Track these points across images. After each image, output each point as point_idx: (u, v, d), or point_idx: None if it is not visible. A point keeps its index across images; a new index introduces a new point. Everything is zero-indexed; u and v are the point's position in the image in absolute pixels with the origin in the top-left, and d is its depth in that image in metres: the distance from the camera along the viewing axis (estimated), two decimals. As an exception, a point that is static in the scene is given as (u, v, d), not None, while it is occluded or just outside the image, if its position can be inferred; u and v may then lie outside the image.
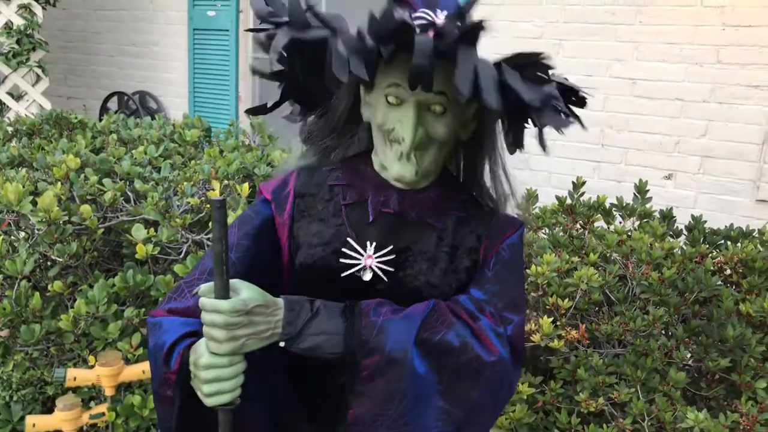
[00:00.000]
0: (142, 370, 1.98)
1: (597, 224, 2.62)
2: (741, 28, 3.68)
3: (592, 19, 4.09)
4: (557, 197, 2.71)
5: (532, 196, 2.70)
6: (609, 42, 4.06)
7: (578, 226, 2.64)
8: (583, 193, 2.72)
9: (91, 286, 2.15)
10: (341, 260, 1.15)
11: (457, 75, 0.90)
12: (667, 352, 2.10)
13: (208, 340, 1.00)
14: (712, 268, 2.30)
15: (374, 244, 1.15)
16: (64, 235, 2.20)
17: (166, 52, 6.03)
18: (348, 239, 1.15)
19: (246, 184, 2.39)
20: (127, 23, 6.22)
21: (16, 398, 2.35)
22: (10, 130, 3.33)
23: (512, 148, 1.13)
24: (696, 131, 3.88)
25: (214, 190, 2.32)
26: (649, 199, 2.67)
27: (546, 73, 0.99)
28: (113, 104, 6.24)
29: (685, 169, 3.94)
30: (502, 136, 1.17)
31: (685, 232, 2.61)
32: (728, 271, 2.34)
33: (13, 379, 2.31)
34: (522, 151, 1.16)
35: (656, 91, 3.96)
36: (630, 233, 2.44)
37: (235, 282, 1.01)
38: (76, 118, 3.48)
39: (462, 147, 1.22)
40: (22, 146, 2.95)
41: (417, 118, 1.07)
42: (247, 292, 1.01)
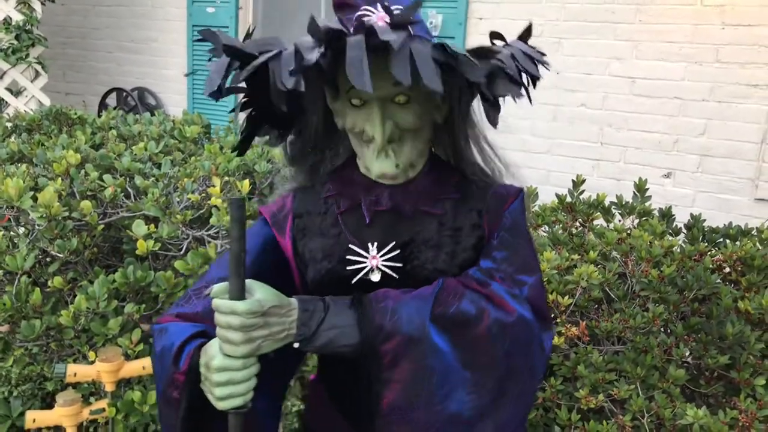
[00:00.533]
0: (142, 366, 1.98)
1: (596, 222, 2.62)
2: (740, 27, 3.69)
3: (592, 18, 4.10)
4: (557, 195, 2.71)
5: (532, 194, 2.71)
6: (608, 40, 4.06)
7: (578, 224, 2.64)
8: (583, 191, 2.73)
9: (92, 282, 2.15)
10: (348, 268, 1.15)
11: (393, 65, 0.88)
12: (667, 350, 2.11)
13: (223, 343, 0.98)
14: (712, 266, 2.31)
15: (376, 244, 1.15)
16: (65, 231, 2.20)
17: (165, 48, 6.02)
18: (350, 246, 1.16)
19: (246, 181, 2.39)
20: (126, 19, 6.21)
21: (15, 394, 2.35)
22: (9, 125, 3.33)
23: (492, 123, 1.09)
24: (695, 130, 3.89)
25: (214, 187, 2.32)
26: (649, 197, 2.67)
27: (493, 45, 0.97)
28: (112, 100, 6.23)
29: (684, 167, 3.95)
30: (480, 110, 1.16)
31: (685, 230, 2.62)
32: (727, 269, 2.35)
33: (13, 375, 2.31)
34: (522, 150, 1.15)
35: (655, 89, 3.97)
36: (629, 231, 2.44)
37: (249, 282, 1.00)
38: (76, 114, 3.48)
39: (442, 130, 1.20)
40: (22, 142, 2.95)
41: (382, 114, 1.07)
42: (261, 293, 0.99)
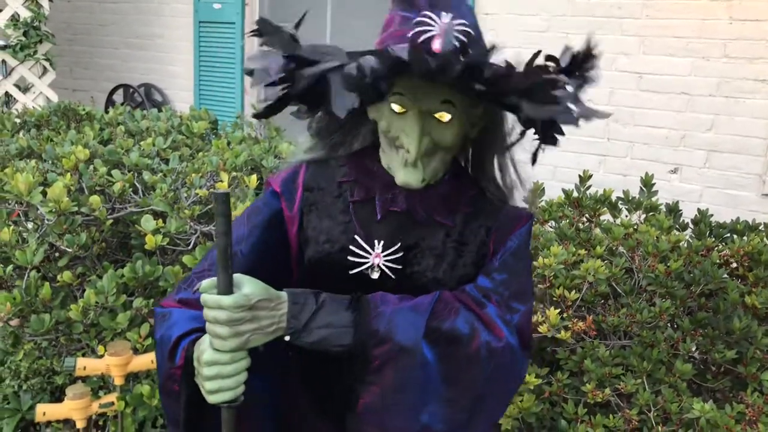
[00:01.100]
0: (151, 360, 1.99)
1: (603, 217, 2.62)
2: (748, 22, 3.68)
3: (598, 13, 4.09)
4: (564, 190, 2.71)
5: (538, 190, 2.71)
6: (615, 35, 4.05)
7: (585, 219, 2.64)
8: (590, 187, 2.73)
9: (100, 277, 2.16)
10: (349, 258, 1.15)
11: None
12: (674, 344, 2.11)
13: (212, 337, 0.98)
14: (719, 261, 2.31)
15: (382, 242, 1.15)
16: (74, 226, 2.21)
17: (172, 44, 6.03)
18: (356, 237, 1.15)
19: (254, 176, 2.39)
20: (132, 16, 6.22)
21: (25, 387, 2.37)
22: (18, 121, 3.35)
23: (547, 142, 1.11)
24: (702, 125, 3.88)
25: (222, 182, 2.33)
26: (655, 192, 2.67)
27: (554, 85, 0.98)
28: (119, 97, 6.25)
29: (691, 163, 3.94)
30: (509, 130, 1.17)
31: (691, 225, 2.62)
32: (734, 264, 2.35)
33: (23, 369, 2.33)
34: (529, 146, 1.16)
35: (662, 85, 3.96)
36: (636, 226, 2.44)
37: (238, 277, 1.00)
38: (84, 110, 3.49)
39: (470, 141, 1.21)
40: (31, 138, 2.96)
41: (421, 128, 1.05)
42: (249, 287, 0.99)
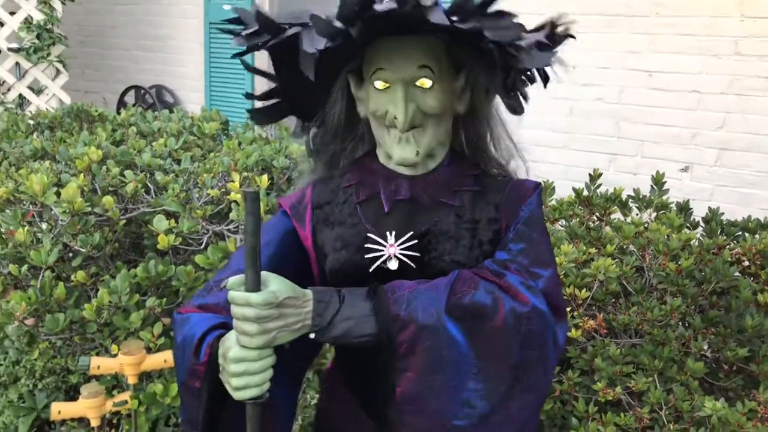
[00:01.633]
0: (164, 359, 2.01)
1: (614, 216, 2.62)
2: (759, 19, 3.65)
3: (608, 11, 4.07)
4: (574, 189, 2.71)
5: (548, 189, 2.71)
6: (625, 34, 4.04)
7: (595, 217, 2.64)
8: (600, 185, 2.72)
9: (114, 277, 2.18)
10: (366, 256, 1.17)
11: (431, 15, 0.92)
12: (685, 342, 2.11)
13: (240, 334, 0.99)
14: (730, 259, 2.30)
15: (394, 233, 1.17)
16: (87, 226, 2.23)
17: (182, 46, 6.06)
18: (368, 234, 1.17)
19: (265, 176, 2.41)
20: (143, 17, 6.26)
21: (40, 386, 2.40)
22: (31, 123, 3.38)
23: (513, 111, 1.12)
24: (713, 123, 3.86)
25: (233, 182, 2.34)
26: (666, 191, 2.66)
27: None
28: (130, 98, 6.29)
29: (702, 161, 3.92)
30: (498, 103, 1.17)
31: (702, 223, 2.61)
32: (746, 262, 2.34)
33: (37, 368, 2.36)
34: (537, 144, 1.17)
35: (673, 83, 3.94)
36: (647, 225, 2.44)
37: (265, 274, 1.01)
38: (97, 111, 3.52)
39: (462, 122, 1.22)
40: (45, 139, 2.99)
41: (405, 95, 1.08)
42: (276, 284, 1.00)
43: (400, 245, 1.16)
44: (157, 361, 2.01)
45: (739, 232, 2.53)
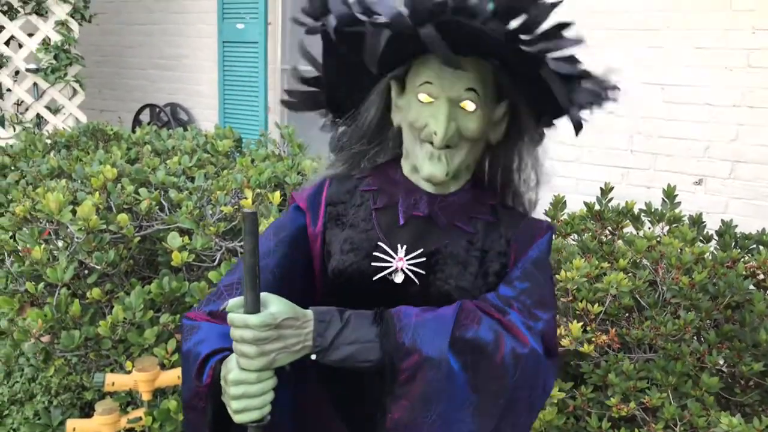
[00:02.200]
0: (178, 376, 2.02)
1: (626, 230, 2.61)
2: (771, 31, 3.65)
3: (620, 25, 4.08)
4: (585, 203, 2.71)
5: (560, 203, 2.70)
6: (637, 47, 4.04)
7: (607, 232, 2.63)
8: (611, 199, 2.72)
9: (128, 293, 2.20)
10: (373, 264, 1.17)
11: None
12: (700, 357, 2.09)
13: (239, 357, 0.99)
14: (744, 272, 2.28)
15: (405, 246, 1.17)
16: (102, 244, 2.26)
17: (197, 64, 6.14)
18: (379, 243, 1.17)
19: (277, 193, 2.43)
20: (158, 37, 6.35)
21: (55, 403, 2.42)
22: (49, 142, 3.43)
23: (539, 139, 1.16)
24: (726, 136, 3.84)
25: (246, 199, 2.37)
26: (678, 204, 2.65)
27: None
28: (145, 116, 6.36)
29: (716, 174, 3.90)
30: (529, 140, 1.19)
31: (716, 237, 2.59)
32: (761, 276, 2.32)
33: (53, 385, 2.38)
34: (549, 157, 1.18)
35: (685, 96, 3.93)
36: (659, 238, 2.43)
37: (265, 295, 1.01)
38: (112, 130, 3.57)
39: (490, 151, 1.23)
40: (62, 158, 3.04)
41: (449, 112, 1.09)
42: (276, 306, 1.00)
43: (409, 260, 1.16)
44: (171, 377, 2.02)
45: (754, 245, 2.51)
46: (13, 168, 3.08)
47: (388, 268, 1.16)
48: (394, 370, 1.03)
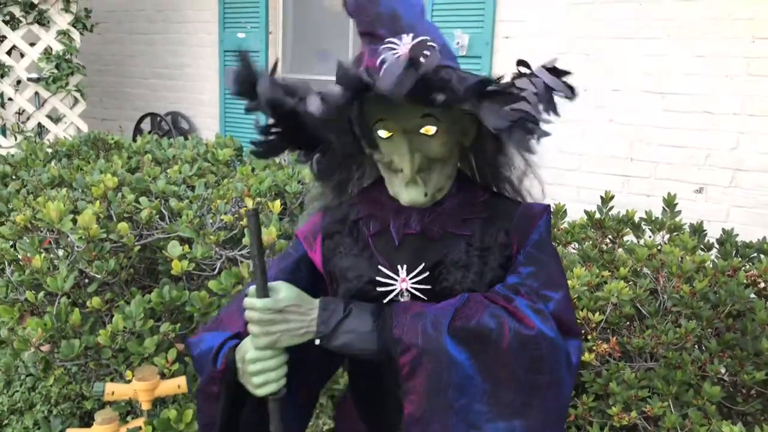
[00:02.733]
0: (178, 385, 2.02)
1: (627, 238, 2.61)
2: (771, 40, 3.66)
3: (619, 33, 4.09)
4: (586, 212, 2.71)
5: (560, 211, 2.70)
6: (637, 56, 4.05)
7: (608, 240, 2.63)
8: (612, 208, 2.72)
9: (128, 302, 2.20)
10: (378, 289, 1.18)
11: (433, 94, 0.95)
12: (701, 366, 2.08)
13: (251, 335, 1.12)
14: (745, 281, 2.28)
15: (405, 266, 1.18)
16: (102, 253, 2.26)
17: (198, 73, 6.15)
18: (380, 267, 1.19)
19: (278, 201, 2.43)
20: (160, 46, 6.37)
21: (55, 412, 2.41)
22: (50, 151, 3.44)
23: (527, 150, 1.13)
24: (727, 144, 3.85)
25: (247, 207, 2.36)
26: (678, 212, 2.65)
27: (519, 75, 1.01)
28: (146, 125, 6.38)
29: (716, 182, 3.90)
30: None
31: (717, 245, 2.59)
32: (762, 284, 2.32)
33: (53, 394, 2.38)
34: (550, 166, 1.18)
35: (685, 104, 3.94)
36: (660, 247, 2.42)
37: (278, 284, 1.13)
38: (113, 139, 3.57)
39: (472, 149, 1.23)
40: (62, 167, 3.04)
41: (409, 146, 1.09)
42: (283, 293, 1.11)
43: (412, 278, 1.17)
44: (171, 386, 2.02)
45: (755, 254, 2.51)
46: (14, 177, 3.08)
47: (393, 291, 1.18)
48: (394, 365, 1.07)
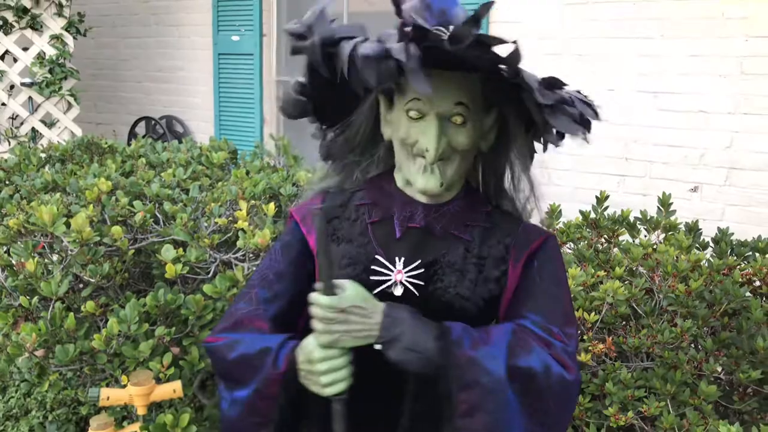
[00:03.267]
0: (173, 389, 2.01)
1: (622, 238, 2.61)
2: (764, 38, 3.66)
3: (613, 33, 4.10)
4: (581, 212, 2.71)
5: (555, 211, 2.70)
6: (630, 55, 4.06)
7: (603, 240, 2.63)
8: (607, 207, 2.72)
9: (123, 306, 2.19)
10: (372, 277, 1.17)
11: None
12: (697, 365, 2.08)
13: (315, 332, 1.08)
14: (741, 279, 2.28)
15: (403, 259, 1.18)
16: (97, 256, 2.25)
17: (192, 76, 6.14)
18: (377, 256, 1.18)
19: (272, 204, 2.42)
20: (154, 50, 6.36)
21: (50, 418, 2.40)
22: (43, 156, 3.42)
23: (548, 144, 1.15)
24: (721, 143, 3.85)
25: (241, 210, 2.36)
26: (673, 212, 2.65)
27: (560, 86, 1.02)
28: (141, 129, 6.36)
29: (712, 181, 3.91)
30: (518, 150, 1.19)
31: (712, 244, 2.59)
32: (757, 283, 2.32)
33: (48, 400, 2.37)
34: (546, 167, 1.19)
35: (680, 103, 3.94)
36: (656, 246, 2.43)
37: (345, 282, 1.09)
38: (107, 144, 3.56)
39: (482, 159, 1.24)
40: (56, 172, 3.03)
41: (439, 129, 1.10)
42: (349, 292, 1.07)
43: (408, 272, 1.17)
44: (167, 391, 2.01)
45: (750, 253, 2.51)
46: (7, 182, 3.07)
47: (388, 281, 1.17)
48: (450, 399, 1.06)
